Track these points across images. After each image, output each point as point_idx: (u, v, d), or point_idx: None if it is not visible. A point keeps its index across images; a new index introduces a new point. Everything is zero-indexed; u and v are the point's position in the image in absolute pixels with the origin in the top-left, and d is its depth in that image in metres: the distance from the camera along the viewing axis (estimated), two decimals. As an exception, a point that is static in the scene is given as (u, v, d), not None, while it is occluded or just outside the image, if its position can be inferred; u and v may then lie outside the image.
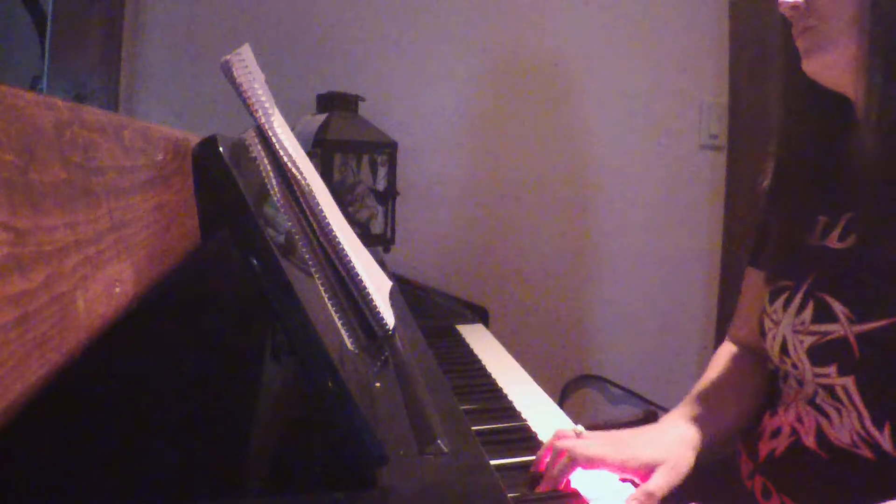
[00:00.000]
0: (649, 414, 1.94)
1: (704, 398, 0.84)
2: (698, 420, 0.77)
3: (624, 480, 0.70)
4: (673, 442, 0.73)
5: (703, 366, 0.92)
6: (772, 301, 0.80)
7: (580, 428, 0.73)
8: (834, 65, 0.71)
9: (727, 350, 0.92)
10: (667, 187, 1.93)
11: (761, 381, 0.87)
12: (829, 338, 0.71)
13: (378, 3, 1.69)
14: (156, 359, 0.56)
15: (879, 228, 0.69)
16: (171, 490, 0.45)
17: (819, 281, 0.74)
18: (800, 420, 0.76)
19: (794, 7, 0.72)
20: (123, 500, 0.45)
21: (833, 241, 0.75)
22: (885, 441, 0.66)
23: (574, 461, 0.68)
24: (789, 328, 0.76)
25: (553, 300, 1.87)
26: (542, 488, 0.68)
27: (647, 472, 0.70)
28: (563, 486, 0.67)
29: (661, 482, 0.68)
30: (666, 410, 1.88)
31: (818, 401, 0.73)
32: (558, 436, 0.72)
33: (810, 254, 0.77)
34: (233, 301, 0.70)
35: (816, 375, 0.72)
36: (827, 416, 0.72)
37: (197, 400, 0.55)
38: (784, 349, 0.77)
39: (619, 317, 1.93)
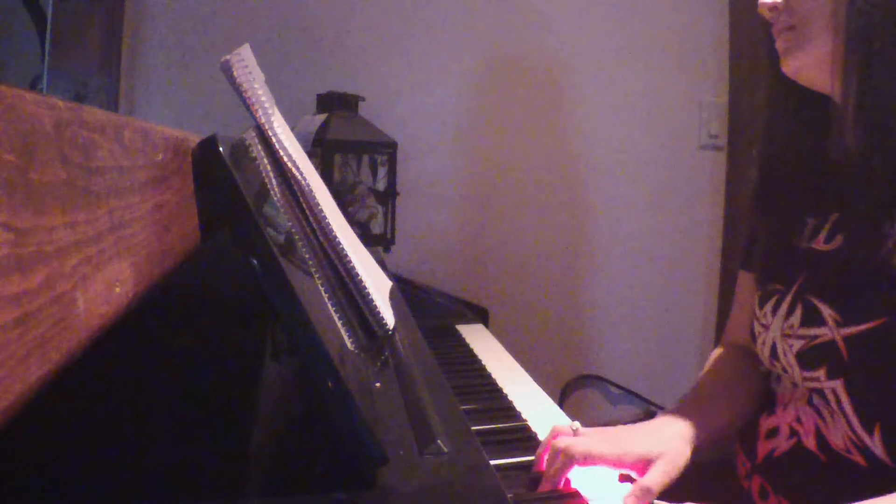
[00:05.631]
0: (649, 414, 1.94)
1: (697, 400, 0.83)
2: (692, 418, 0.77)
3: (623, 479, 0.70)
4: (669, 436, 0.72)
5: (703, 366, 0.92)
6: (761, 305, 0.79)
7: (577, 424, 0.72)
8: (813, 64, 0.71)
9: (717, 355, 0.92)
10: (667, 187, 1.93)
11: (757, 383, 0.86)
12: (817, 341, 0.70)
13: (378, 3, 1.69)
14: (156, 359, 0.56)
15: (863, 228, 0.68)
16: (170, 490, 0.45)
17: (807, 284, 0.73)
18: (799, 420, 0.76)
19: (773, 8, 0.72)
20: (123, 501, 0.45)
21: (820, 244, 0.74)
22: (875, 446, 0.66)
23: (571, 459, 0.67)
24: (779, 332, 0.75)
25: (553, 300, 1.87)
26: (542, 488, 0.68)
27: (643, 466, 0.69)
28: (562, 484, 0.67)
29: (657, 477, 0.67)
30: (666, 410, 1.89)
31: (815, 402, 0.73)
32: (555, 433, 0.72)
33: (799, 257, 0.76)
34: (233, 301, 0.70)
35: (806, 379, 0.72)
36: (823, 417, 0.72)
37: (197, 400, 0.55)
38: (774, 353, 0.76)
39: (619, 317, 1.93)
